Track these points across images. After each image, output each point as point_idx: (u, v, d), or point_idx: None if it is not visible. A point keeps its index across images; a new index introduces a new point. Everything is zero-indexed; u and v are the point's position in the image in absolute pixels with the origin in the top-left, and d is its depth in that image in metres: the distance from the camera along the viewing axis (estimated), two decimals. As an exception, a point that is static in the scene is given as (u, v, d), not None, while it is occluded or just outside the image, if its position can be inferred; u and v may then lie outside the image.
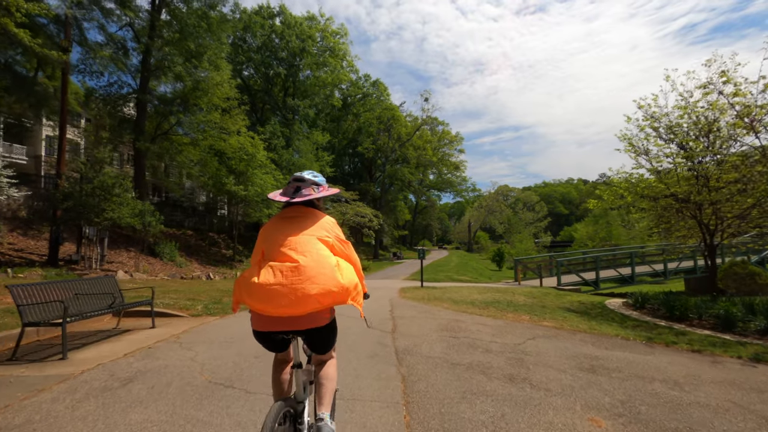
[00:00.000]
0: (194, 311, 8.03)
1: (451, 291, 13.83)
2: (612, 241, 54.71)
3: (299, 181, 2.32)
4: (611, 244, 54.85)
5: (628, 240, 54.04)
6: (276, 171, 28.83)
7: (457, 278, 23.25)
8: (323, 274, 1.98)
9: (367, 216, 28.82)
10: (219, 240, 29.20)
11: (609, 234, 54.20)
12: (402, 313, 8.55)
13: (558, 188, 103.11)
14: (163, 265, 20.09)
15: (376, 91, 50.79)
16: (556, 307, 10.81)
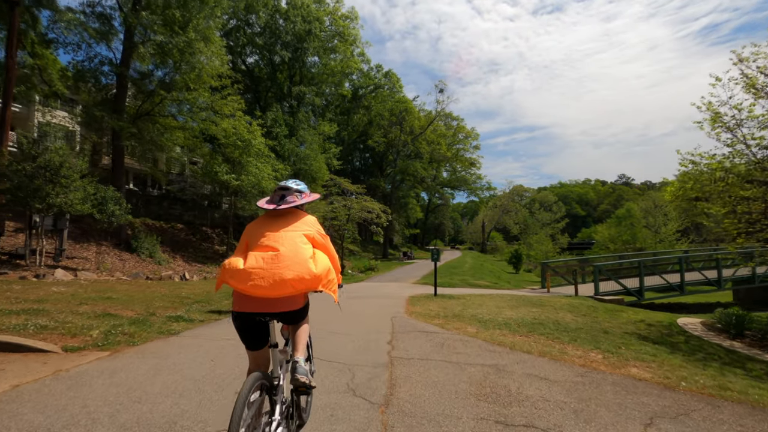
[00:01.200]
0: (81, 340, 5.10)
1: (474, 303, 10.75)
2: (636, 244, 50.85)
3: (284, 190, 2.57)
4: (634, 247, 51.07)
5: (654, 244, 50.18)
6: (276, 161, 25.99)
7: (474, 283, 20.11)
8: (298, 263, 2.20)
9: (374, 211, 25.81)
10: (213, 235, 26.51)
11: (633, 236, 50.28)
12: (407, 351, 5.49)
13: (575, 189, 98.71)
14: (139, 262, 17.36)
15: (389, 82, 47.68)
16: (621, 332, 7.69)
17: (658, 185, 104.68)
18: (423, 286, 18.06)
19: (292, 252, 2.22)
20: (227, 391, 3.66)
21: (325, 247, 2.56)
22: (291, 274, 2.13)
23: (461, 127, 51.41)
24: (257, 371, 2.10)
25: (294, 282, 2.13)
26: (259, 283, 2.08)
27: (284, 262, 2.16)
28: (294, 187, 2.58)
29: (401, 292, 13.92)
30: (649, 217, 52.88)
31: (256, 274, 2.10)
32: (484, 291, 16.76)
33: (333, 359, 4.88)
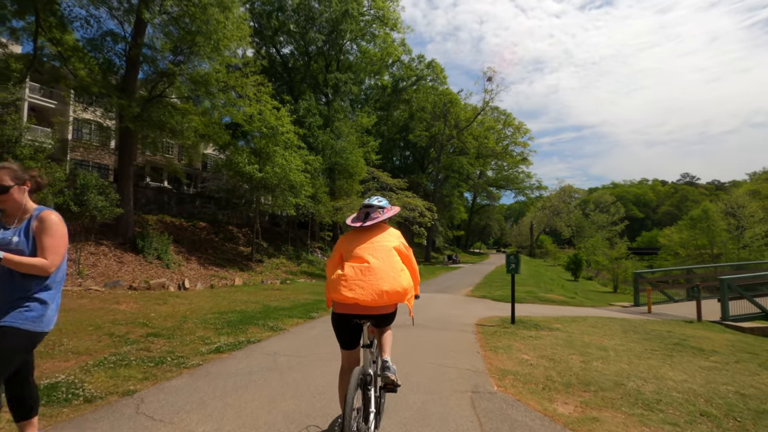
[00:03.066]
0: None
1: (580, 340, 6.78)
2: (714, 250, 43.90)
3: (368, 207, 2.87)
4: (711, 254, 44.16)
5: (737, 250, 43.09)
6: (308, 153, 22.79)
7: (545, 296, 15.85)
8: (393, 276, 2.54)
9: (417, 209, 22.00)
10: (239, 235, 23.69)
11: (711, 241, 43.38)
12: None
13: (631, 189, 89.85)
14: (141, 265, 14.50)
15: (432, 73, 43.71)
16: None
17: (727, 185, 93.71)
18: (481, 301, 14.10)
19: (388, 265, 2.56)
20: None
21: (408, 259, 2.85)
22: (387, 285, 2.48)
23: (509, 122, 46.57)
24: (359, 367, 2.50)
25: (389, 293, 2.48)
26: (360, 292, 2.43)
27: (380, 274, 2.49)
28: (376, 204, 2.88)
29: (460, 313, 10.07)
30: (730, 219, 45.61)
31: (357, 284, 2.45)
32: (564, 310, 12.58)
33: None
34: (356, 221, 2.85)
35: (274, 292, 13.88)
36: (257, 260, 21.04)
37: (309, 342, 6.10)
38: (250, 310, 9.16)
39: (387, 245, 2.70)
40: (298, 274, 20.90)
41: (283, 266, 21.96)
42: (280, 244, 25.45)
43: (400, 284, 2.54)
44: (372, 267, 2.51)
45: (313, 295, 13.45)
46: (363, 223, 2.78)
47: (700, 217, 45.18)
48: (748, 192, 48.90)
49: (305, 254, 25.59)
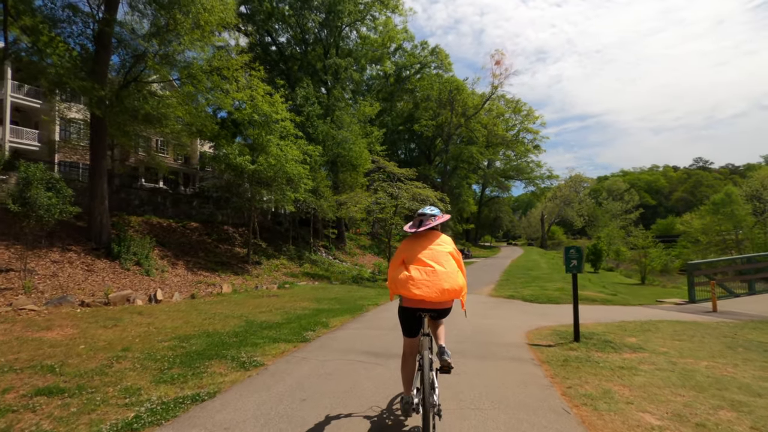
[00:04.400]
0: None
1: (693, 370, 4.38)
2: (739, 236, 41.13)
3: (422, 216, 3.24)
4: (735, 240, 41.45)
5: (764, 235, 40.34)
6: (306, 143, 20.56)
7: (583, 295, 13.45)
8: (452, 277, 2.94)
9: (428, 200, 19.70)
10: (235, 235, 21.54)
11: (736, 226, 40.61)
12: None
13: (642, 176, 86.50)
14: (116, 273, 12.38)
15: (436, 59, 41.26)
16: None
17: (742, 168, 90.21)
18: (511, 302, 11.85)
19: (448, 268, 2.98)
20: None
21: (459, 261, 3.18)
22: (448, 285, 2.89)
23: (519, 108, 43.97)
24: (419, 353, 3.03)
25: (450, 291, 2.89)
26: (427, 291, 2.85)
27: (442, 276, 2.90)
28: (429, 213, 3.25)
29: (497, 323, 7.81)
30: (755, 203, 42.81)
31: (423, 284, 2.87)
32: (615, 312, 10.29)
33: None
34: (412, 227, 3.25)
35: (267, 299, 11.70)
36: (254, 262, 18.89)
37: (293, 395, 3.88)
38: (227, 330, 6.98)
39: (444, 251, 3.10)
40: (299, 276, 18.73)
41: (284, 268, 19.80)
42: (281, 243, 23.29)
43: (458, 283, 2.96)
44: (436, 270, 2.93)
45: (313, 302, 11.24)
46: (417, 229, 3.19)
47: (723, 202, 42.44)
48: None
49: (308, 254, 23.42)
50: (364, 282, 19.68)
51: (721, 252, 43.73)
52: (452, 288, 2.89)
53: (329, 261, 23.98)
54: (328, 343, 6.06)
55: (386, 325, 7.62)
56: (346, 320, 8.32)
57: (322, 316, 8.78)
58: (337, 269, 22.48)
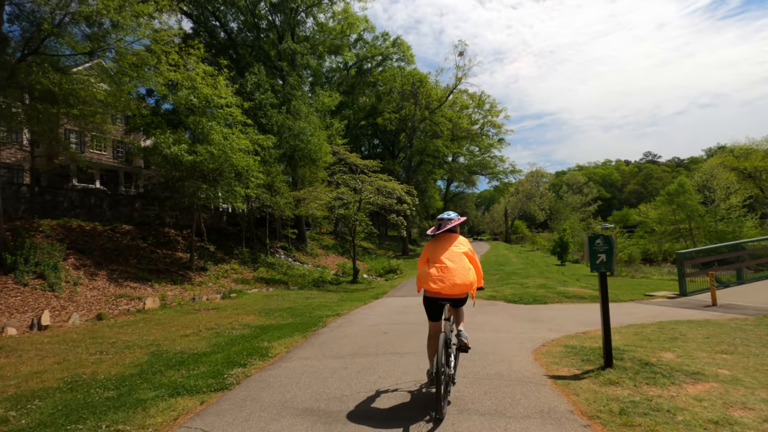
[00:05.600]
0: None
1: None
2: (693, 224, 42.13)
3: (440, 220, 3.88)
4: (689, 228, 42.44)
5: (714, 223, 41.52)
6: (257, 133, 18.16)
7: (568, 292, 12.02)
8: (464, 274, 3.55)
9: (395, 193, 17.84)
10: (177, 238, 18.79)
11: (690, 215, 41.53)
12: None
13: (597, 171, 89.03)
14: (7, 290, 9.66)
15: (398, 51, 39.49)
16: None
17: (686, 161, 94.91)
18: (494, 305, 10.18)
19: (460, 266, 3.57)
20: None
21: (473, 259, 3.79)
22: (460, 280, 3.50)
23: (482, 101, 42.99)
24: (442, 333, 3.42)
25: (461, 285, 3.51)
26: (441, 285, 3.49)
27: (455, 273, 3.51)
28: (446, 217, 3.88)
29: (489, 337, 5.97)
30: (706, 192, 44.07)
31: (440, 279, 3.50)
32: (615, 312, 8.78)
33: None
34: (433, 231, 3.91)
35: (202, 315, 9.42)
36: (199, 268, 16.33)
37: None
38: (113, 373, 4.76)
39: (459, 251, 3.72)
40: (251, 283, 16.37)
41: (234, 273, 17.34)
42: (233, 246, 20.72)
43: (468, 279, 3.56)
44: (449, 268, 3.55)
45: (260, 316, 9.07)
46: (436, 232, 3.87)
47: (677, 192, 43.47)
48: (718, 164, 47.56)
49: (264, 257, 20.98)
50: (326, 285, 17.58)
51: (675, 241, 44.90)
52: (463, 283, 3.52)
53: (288, 263, 21.63)
54: (257, 393, 4.00)
55: (348, 350, 5.64)
56: (295, 343, 6.26)
57: (265, 337, 6.68)
58: (296, 272, 20.21)
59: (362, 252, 31.32)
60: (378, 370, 4.63)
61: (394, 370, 4.60)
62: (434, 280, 3.50)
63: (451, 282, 3.47)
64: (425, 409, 3.40)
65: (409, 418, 3.24)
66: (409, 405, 3.54)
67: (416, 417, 3.24)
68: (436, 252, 3.68)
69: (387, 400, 3.68)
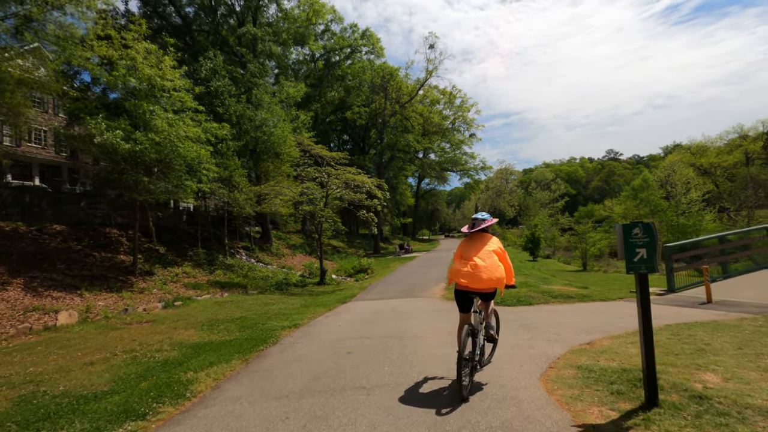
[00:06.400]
0: None
1: None
2: (656, 218, 42.91)
3: (474, 220, 4.14)
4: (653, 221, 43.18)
5: (676, 217, 42.46)
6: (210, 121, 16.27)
7: (553, 290, 10.98)
8: (491, 270, 3.82)
9: (364, 187, 16.44)
10: (121, 239, 16.65)
11: (653, 210, 42.29)
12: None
13: (563, 168, 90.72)
14: None
15: (367, 43, 38.09)
16: None
17: (646, 158, 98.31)
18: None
19: (488, 263, 3.84)
20: None
21: (503, 257, 4.04)
22: (486, 276, 3.78)
23: (453, 96, 42.18)
24: (467, 324, 3.77)
25: (488, 281, 3.78)
26: (470, 280, 3.79)
27: (483, 269, 3.79)
28: (480, 217, 4.13)
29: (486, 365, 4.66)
30: (667, 187, 45.08)
31: (468, 275, 3.80)
32: (606, 313, 7.78)
33: None
34: (468, 229, 4.16)
35: (131, 331, 7.71)
36: (144, 272, 14.36)
37: None
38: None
39: (489, 249, 3.97)
40: (204, 287, 14.55)
41: (185, 277, 15.45)
42: (187, 247, 18.72)
43: (495, 276, 3.82)
44: (479, 265, 3.81)
45: (200, 330, 7.46)
46: (470, 230, 4.12)
47: (641, 187, 44.27)
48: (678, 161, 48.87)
49: (222, 258, 19.07)
50: (290, 288, 15.98)
51: (639, 235, 45.84)
52: (490, 278, 3.79)
53: (249, 265, 19.80)
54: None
55: (298, 382, 4.21)
56: (229, 372, 4.76)
57: (193, 364, 5.13)
58: (258, 274, 18.45)
59: (331, 251, 29.72)
60: (332, 421, 3.22)
61: (358, 422, 3.20)
62: (464, 276, 3.82)
63: (478, 278, 3.77)
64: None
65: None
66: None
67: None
68: (469, 250, 3.99)
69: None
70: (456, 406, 3.37)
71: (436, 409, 3.32)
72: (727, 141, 54.65)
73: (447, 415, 3.20)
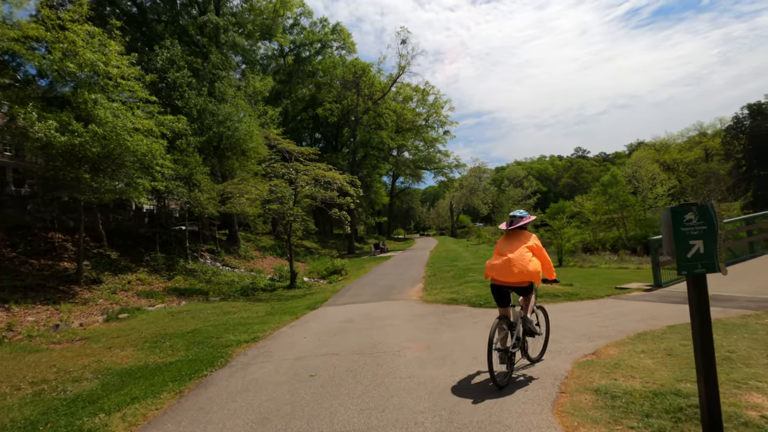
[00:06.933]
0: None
1: None
2: (625, 213, 43.66)
3: (513, 218, 4.22)
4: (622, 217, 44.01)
5: (643, 211, 43.37)
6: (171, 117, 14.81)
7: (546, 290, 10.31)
8: (521, 264, 3.87)
9: (335, 183, 15.39)
10: (66, 245, 14.95)
11: (622, 204, 43.00)
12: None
13: (534, 166, 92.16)
14: None
15: (338, 38, 36.96)
16: None
17: (611, 156, 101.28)
18: (458, 311, 8.11)
19: (520, 258, 3.90)
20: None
21: (539, 252, 4.11)
22: (517, 270, 3.86)
23: (425, 92, 41.56)
24: (503, 317, 3.92)
25: (518, 274, 3.86)
26: (501, 273, 3.93)
27: (514, 263, 3.88)
28: (518, 215, 4.21)
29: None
30: (634, 182, 45.99)
31: (500, 269, 3.94)
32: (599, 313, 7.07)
33: None
34: (506, 227, 4.23)
35: (50, 353, 6.41)
36: (90, 281, 12.82)
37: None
38: None
39: (524, 246, 4.02)
40: (159, 295, 13.13)
41: (140, 285, 13.97)
42: (144, 251, 17.13)
43: (527, 269, 3.87)
44: (509, 258, 3.91)
45: (140, 351, 6.27)
46: (508, 228, 4.20)
47: (611, 183, 45.00)
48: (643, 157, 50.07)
49: (183, 262, 17.57)
50: (258, 293, 14.75)
51: (608, 230, 46.61)
52: (520, 272, 3.86)
53: (214, 269, 18.37)
54: None
55: (240, 429, 3.15)
56: (152, 413, 3.66)
57: (112, 400, 3.99)
58: (223, 279, 17.08)
59: (304, 252, 28.45)
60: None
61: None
62: (496, 270, 3.98)
63: (510, 272, 3.87)
64: None
65: None
66: None
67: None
68: (505, 247, 4.10)
69: None
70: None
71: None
72: (688, 138, 56.51)
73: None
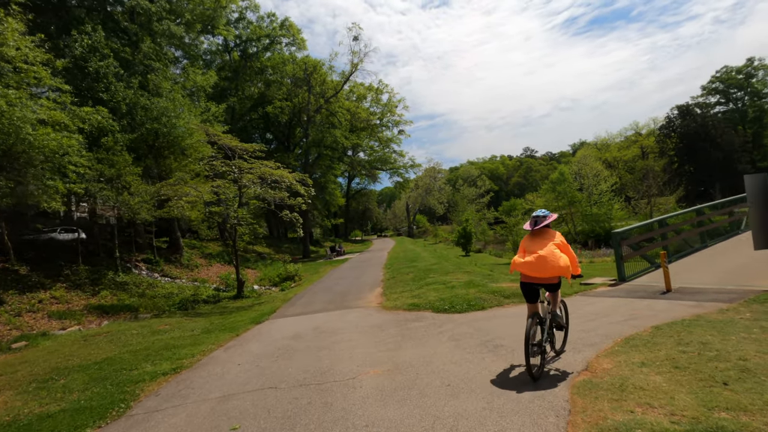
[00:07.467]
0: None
1: None
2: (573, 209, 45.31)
3: (536, 218, 4.30)
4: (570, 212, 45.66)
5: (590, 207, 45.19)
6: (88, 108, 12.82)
7: (502, 289, 9.62)
8: (553, 260, 3.95)
9: (284, 182, 14.08)
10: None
11: (571, 201, 44.60)
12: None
13: (486, 165, 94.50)
14: None
15: (287, 34, 35.27)
16: None
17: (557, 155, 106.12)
18: (420, 318, 7.25)
19: (551, 255, 3.97)
20: None
21: (565, 249, 4.18)
22: (548, 266, 3.94)
23: (379, 91, 40.82)
24: (534, 313, 4.02)
25: (550, 269, 3.94)
26: (533, 270, 3.99)
27: (545, 260, 3.95)
28: (541, 215, 4.32)
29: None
30: (580, 180, 47.90)
31: (532, 267, 3.99)
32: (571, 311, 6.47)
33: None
34: (530, 226, 4.32)
35: None
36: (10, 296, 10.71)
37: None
38: None
39: (551, 243, 4.11)
40: (77, 315, 11.24)
41: (54, 303, 11.94)
42: (64, 264, 14.87)
43: (558, 265, 3.94)
44: (541, 255, 3.99)
45: (20, 395, 4.75)
46: (533, 228, 4.27)
47: (559, 180, 46.57)
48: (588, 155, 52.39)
49: (112, 275, 15.47)
50: (199, 306, 13.16)
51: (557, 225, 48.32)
52: (552, 267, 3.94)
53: (150, 281, 16.38)
54: None
55: None
56: None
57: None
58: (160, 292, 15.21)
59: (255, 258, 26.64)
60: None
61: None
62: (527, 267, 4.02)
63: (539, 269, 3.96)
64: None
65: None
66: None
67: None
68: (534, 245, 4.18)
69: None
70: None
71: None
72: (626, 137, 59.96)
73: None
